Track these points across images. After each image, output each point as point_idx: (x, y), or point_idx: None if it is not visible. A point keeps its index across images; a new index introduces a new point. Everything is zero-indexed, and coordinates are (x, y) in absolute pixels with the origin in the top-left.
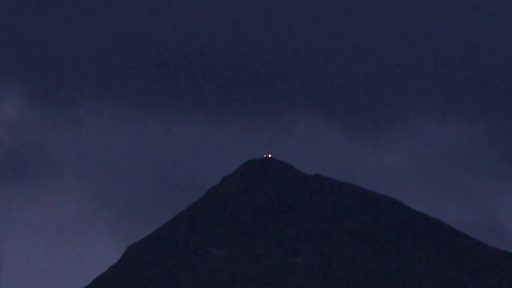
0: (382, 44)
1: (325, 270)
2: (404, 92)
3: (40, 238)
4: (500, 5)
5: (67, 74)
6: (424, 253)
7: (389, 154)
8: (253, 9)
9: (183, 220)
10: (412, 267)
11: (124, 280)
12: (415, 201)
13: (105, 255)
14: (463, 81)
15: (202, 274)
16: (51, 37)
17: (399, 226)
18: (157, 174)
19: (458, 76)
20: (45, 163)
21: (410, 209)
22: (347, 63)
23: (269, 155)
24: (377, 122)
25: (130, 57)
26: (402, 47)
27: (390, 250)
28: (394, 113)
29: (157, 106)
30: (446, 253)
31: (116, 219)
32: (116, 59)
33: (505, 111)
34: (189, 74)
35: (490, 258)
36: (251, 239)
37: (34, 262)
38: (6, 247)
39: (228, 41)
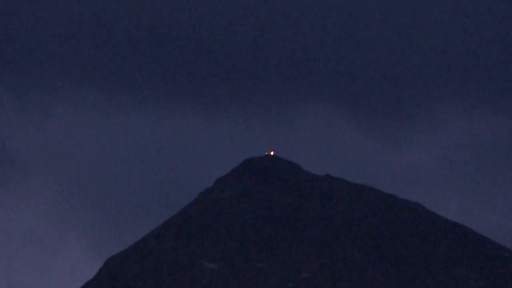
0: (400, 28)
1: (335, 287)
2: (428, 80)
3: (3, 249)
4: None
5: (36, 62)
6: (451, 267)
7: (411, 152)
8: None
9: (171, 228)
10: (436, 283)
11: None
12: (441, 206)
13: (80, 269)
14: (499, 63)
15: None
16: (19, 26)
17: (422, 236)
18: (140, 175)
19: (492, 59)
20: (9, 162)
21: (435, 215)
22: (362, 48)
23: (272, 153)
24: (397, 115)
25: (110, 41)
26: (423, 30)
27: (410, 264)
28: (417, 104)
29: (140, 97)
30: (478, 266)
31: (92, 227)
32: (94, 43)
33: None
34: (176, 58)
35: None
36: (249, 251)
37: None
38: None
39: (228, 27)
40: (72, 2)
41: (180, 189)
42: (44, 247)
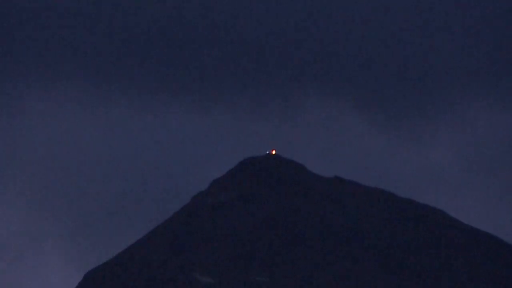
0: (420, 22)
1: None
2: (451, 74)
3: None
4: None
5: (5, 51)
6: (476, 280)
7: (431, 151)
8: None
9: (159, 237)
10: None
11: None
12: (464, 212)
13: (56, 283)
14: None
15: None
16: None
17: (443, 246)
18: (126, 177)
19: None
20: None
21: (458, 222)
22: (377, 39)
23: (273, 152)
24: (415, 110)
25: (91, 28)
26: (446, 25)
27: (430, 277)
28: (438, 99)
29: (124, 89)
30: (505, 280)
31: (70, 237)
32: (74, 31)
33: None
34: (167, 47)
35: None
36: (248, 263)
37: None
38: None
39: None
40: None
41: (171, 193)
42: (17, 259)
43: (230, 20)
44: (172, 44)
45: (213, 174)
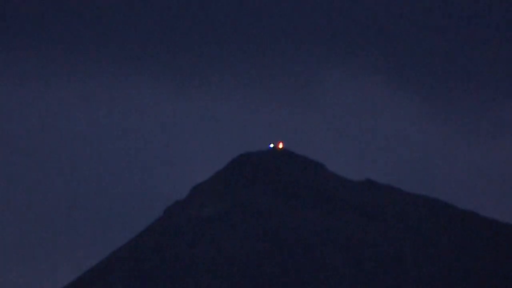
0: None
1: None
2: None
3: None
4: None
5: None
6: None
7: (495, 150)
8: None
9: (121, 263)
10: None
11: None
12: None
13: None
14: None
15: None
16: None
17: (502, 254)
18: (79, 180)
19: None
20: None
21: None
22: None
23: (280, 145)
24: (476, 97)
25: None
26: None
27: None
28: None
29: (93, 62)
30: None
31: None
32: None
33: None
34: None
35: None
36: None
37: None
38: None
39: None
40: None
41: (137, 203)
42: None
43: None
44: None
45: (195, 177)
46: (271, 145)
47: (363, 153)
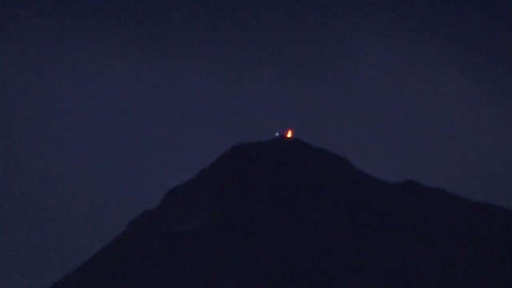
0: None
1: None
2: None
3: None
4: None
5: None
6: None
7: None
8: None
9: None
10: None
11: None
12: None
13: None
14: None
15: None
16: None
17: None
18: (22, 185)
19: None
20: None
21: None
22: None
23: (289, 133)
24: None
25: None
26: None
27: None
28: None
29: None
30: None
31: None
32: None
33: None
34: None
35: None
36: None
37: None
38: None
39: None
40: None
41: (93, 213)
42: None
43: None
44: None
45: (170, 179)
46: (277, 134)
47: (403, 147)
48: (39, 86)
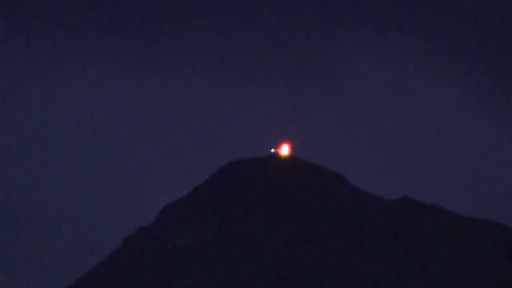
0: None
1: None
2: None
3: None
4: None
5: None
6: None
7: None
8: None
9: None
10: None
11: None
12: None
13: None
14: None
15: None
16: None
17: None
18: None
19: None
20: None
21: None
22: None
23: (285, 149)
24: None
25: None
26: None
27: None
28: None
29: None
30: None
31: None
32: None
33: None
34: None
35: None
36: None
37: None
38: None
39: None
40: None
41: (91, 231)
42: None
43: None
44: None
45: (166, 194)
46: (273, 150)
47: (399, 163)
48: (27, 104)
